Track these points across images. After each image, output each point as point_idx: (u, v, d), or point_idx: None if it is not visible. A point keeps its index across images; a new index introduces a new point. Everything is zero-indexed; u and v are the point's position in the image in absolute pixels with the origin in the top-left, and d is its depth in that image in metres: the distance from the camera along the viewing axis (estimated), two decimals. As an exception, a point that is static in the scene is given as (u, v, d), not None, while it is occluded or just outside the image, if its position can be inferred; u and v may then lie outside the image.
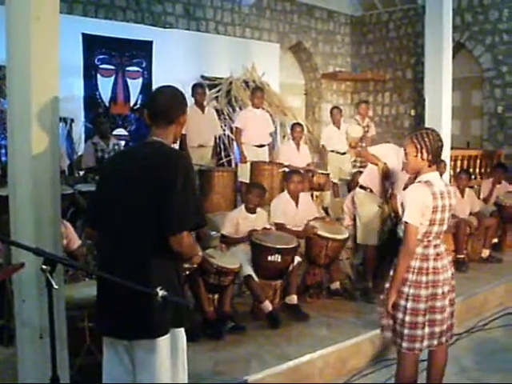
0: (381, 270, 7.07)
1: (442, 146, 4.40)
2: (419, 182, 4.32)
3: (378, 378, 5.59)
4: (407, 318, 4.30)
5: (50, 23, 3.95)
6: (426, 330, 4.31)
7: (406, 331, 4.32)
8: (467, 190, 9.61)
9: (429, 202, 4.21)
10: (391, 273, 4.41)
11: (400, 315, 4.34)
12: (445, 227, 4.38)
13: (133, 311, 3.18)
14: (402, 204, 4.42)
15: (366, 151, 7.54)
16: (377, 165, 7.11)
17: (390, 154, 7.10)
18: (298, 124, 10.55)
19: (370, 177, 7.29)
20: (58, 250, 3.93)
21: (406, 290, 4.31)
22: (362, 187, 7.42)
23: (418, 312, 4.28)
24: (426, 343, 4.35)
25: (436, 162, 4.38)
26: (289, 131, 11.11)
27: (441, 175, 9.31)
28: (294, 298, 6.57)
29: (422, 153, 4.27)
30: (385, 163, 7.03)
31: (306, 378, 5.39)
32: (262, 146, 10.06)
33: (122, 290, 3.12)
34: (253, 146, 9.95)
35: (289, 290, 6.60)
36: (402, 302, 4.31)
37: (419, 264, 4.29)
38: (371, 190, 7.29)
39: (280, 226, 7.13)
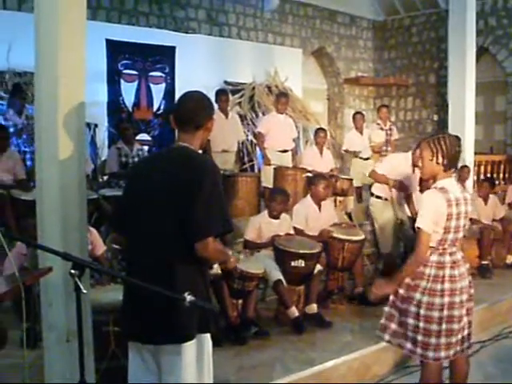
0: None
1: (459, 151, 4.33)
2: (434, 188, 4.28)
3: (401, 384, 5.58)
4: (421, 325, 4.23)
5: (76, 29, 3.99)
6: (443, 339, 4.22)
7: (419, 337, 4.26)
8: (491, 196, 9.55)
9: (443, 210, 4.14)
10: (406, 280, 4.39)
11: (411, 321, 4.29)
12: (461, 234, 4.29)
13: (159, 316, 3.17)
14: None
15: (375, 173, 7.55)
16: (387, 184, 7.23)
17: (402, 164, 7.25)
18: (322, 129, 10.55)
19: (383, 187, 7.43)
20: (84, 255, 3.95)
21: (417, 296, 4.24)
22: (377, 197, 7.52)
23: (431, 320, 4.21)
24: (443, 354, 4.25)
25: (452, 167, 4.32)
26: (312, 136, 11.11)
27: (464, 181, 9.42)
28: (314, 307, 6.55)
29: (437, 157, 4.21)
30: (394, 180, 7.25)
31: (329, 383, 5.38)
32: (285, 151, 10.08)
33: (149, 296, 3.12)
34: (276, 151, 9.97)
35: (309, 299, 6.59)
36: (412, 308, 4.28)
37: (435, 272, 4.22)
38: (386, 199, 7.39)
39: (298, 231, 7.12)
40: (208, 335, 3.35)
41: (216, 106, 9.72)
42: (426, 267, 4.23)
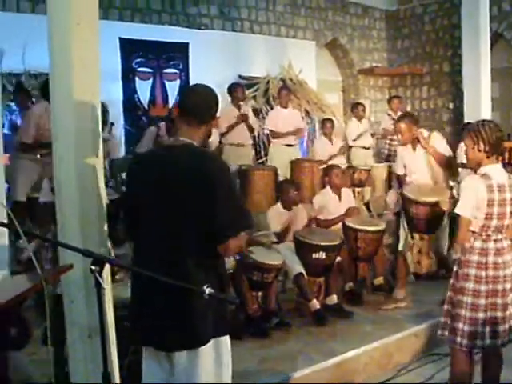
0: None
1: (501, 136, 4.35)
2: (477, 174, 4.32)
3: (424, 372, 5.57)
4: (468, 314, 4.26)
5: (89, 29, 4.01)
6: (488, 328, 4.25)
7: (466, 328, 4.27)
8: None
9: (483, 195, 4.18)
10: (455, 268, 4.42)
11: (462, 312, 4.29)
12: (506, 221, 4.29)
13: (172, 321, 3.10)
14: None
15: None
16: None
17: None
18: (328, 119, 10.76)
19: None
20: (104, 251, 3.99)
21: (467, 285, 4.28)
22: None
23: (478, 308, 4.24)
24: (488, 341, 4.28)
25: (495, 153, 4.32)
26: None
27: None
28: (334, 298, 6.59)
29: (478, 144, 4.25)
30: None
31: (351, 373, 5.41)
32: (291, 145, 10.13)
33: (161, 299, 3.08)
34: (282, 145, 10.03)
35: (329, 291, 6.61)
36: (464, 298, 4.29)
37: (478, 258, 4.25)
38: None
39: (319, 222, 7.16)
40: (226, 337, 3.26)
41: (230, 100, 9.81)
42: (471, 254, 4.26)
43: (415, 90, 16.31)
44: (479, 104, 10.15)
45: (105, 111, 8.05)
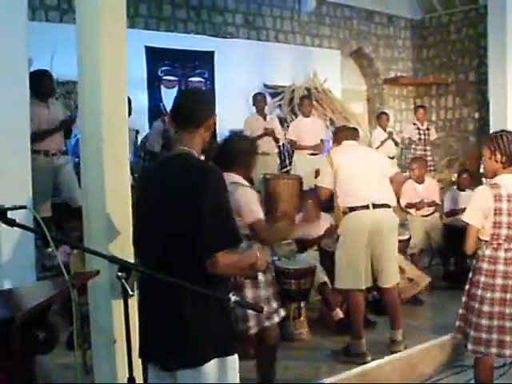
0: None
1: None
2: (488, 184, 4.33)
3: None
4: (474, 320, 4.30)
5: (117, 38, 4.07)
6: (494, 336, 4.24)
7: (472, 333, 4.31)
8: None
9: (489, 204, 4.19)
10: (470, 275, 4.44)
11: (469, 316, 4.35)
12: None
13: (170, 338, 3.01)
14: None
15: None
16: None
17: None
18: None
19: None
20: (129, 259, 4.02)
21: (478, 291, 4.30)
22: None
23: (481, 314, 4.27)
24: (494, 350, 4.27)
25: None
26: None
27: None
28: None
29: (495, 154, 4.26)
30: None
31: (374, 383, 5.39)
32: (315, 154, 10.14)
33: (160, 318, 3.04)
34: (306, 154, 10.05)
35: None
36: (474, 304, 4.32)
37: (487, 266, 4.27)
38: None
39: None
40: (233, 357, 3.11)
41: (254, 109, 9.86)
42: (483, 262, 4.29)
43: (440, 99, 16.23)
44: (505, 114, 10.04)
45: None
